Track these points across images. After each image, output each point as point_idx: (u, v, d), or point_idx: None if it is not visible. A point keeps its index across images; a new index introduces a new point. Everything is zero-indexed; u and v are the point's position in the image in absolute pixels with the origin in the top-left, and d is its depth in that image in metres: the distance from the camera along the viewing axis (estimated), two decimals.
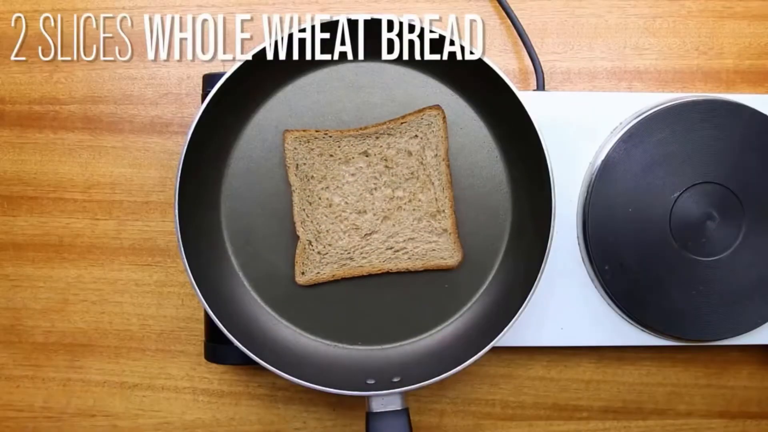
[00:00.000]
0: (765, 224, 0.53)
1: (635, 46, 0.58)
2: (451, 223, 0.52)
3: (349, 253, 0.52)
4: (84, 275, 0.57)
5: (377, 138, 0.52)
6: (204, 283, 0.48)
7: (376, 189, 0.52)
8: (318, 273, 0.52)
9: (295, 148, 0.51)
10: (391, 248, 0.52)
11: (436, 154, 0.52)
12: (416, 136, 0.52)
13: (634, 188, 0.52)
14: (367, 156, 0.52)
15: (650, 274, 0.52)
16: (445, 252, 0.52)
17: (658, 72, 0.58)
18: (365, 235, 0.52)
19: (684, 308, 0.53)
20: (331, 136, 0.52)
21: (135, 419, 0.57)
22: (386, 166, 0.52)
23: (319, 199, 0.52)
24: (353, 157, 0.52)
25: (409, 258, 0.52)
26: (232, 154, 0.53)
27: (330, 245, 0.52)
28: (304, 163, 0.52)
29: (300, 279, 0.52)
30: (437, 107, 0.52)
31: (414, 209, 0.52)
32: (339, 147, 0.52)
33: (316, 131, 0.52)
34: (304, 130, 0.52)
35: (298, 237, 0.52)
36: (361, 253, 0.52)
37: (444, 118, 0.52)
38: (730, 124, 0.52)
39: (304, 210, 0.52)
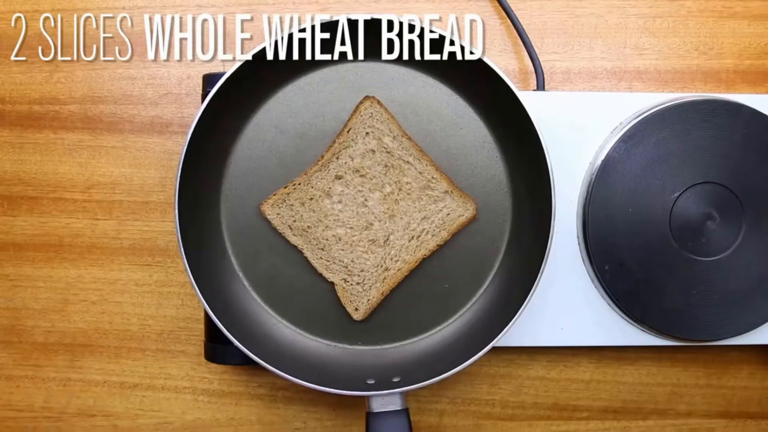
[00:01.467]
0: (765, 224, 0.53)
1: (635, 46, 0.58)
2: (446, 182, 0.52)
3: (382, 266, 0.52)
4: (84, 275, 0.57)
5: (338, 158, 0.52)
6: (204, 283, 0.48)
7: (367, 200, 0.52)
8: (369, 300, 0.52)
9: (278, 214, 0.52)
10: (413, 238, 0.52)
11: (394, 136, 0.52)
12: (367, 133, 0.52)
13: (634, 188, 0.52)
14: (341, 178, 0.52)
15: (650, 274, 0.52)
16: (458, 209, 0.52)
17: (658, 72, 0.58)
18: (384, 242, 0.52)
19: (684, 308, 0.53)
20: (299, 183, 0.52)
21: (135, 419, 0.57)
22: (362, 176, 0.52)
23: (327, 240, 0.52)
24: (330, 187, 0.52)
25: (432, 236, 0.52)
26: (232, 154, 0.53)
27: (363, 271, 0.52)
28: (294, 221, 0.52)
29: (357, 315, 0.52)
30: (368, 98, 0.52)
31: (408, 193, 0.52)
32: (312, 187, 0.52)
33: (285, 188, 0.52)
34: (273, 195, 0.52)
35: (332, 284, 0.52)
36: (392, 259, 0.52)
37: (379, 102, 0.52)
38: (730, 124, 0.52)
39: (321, 258, 0.52)
